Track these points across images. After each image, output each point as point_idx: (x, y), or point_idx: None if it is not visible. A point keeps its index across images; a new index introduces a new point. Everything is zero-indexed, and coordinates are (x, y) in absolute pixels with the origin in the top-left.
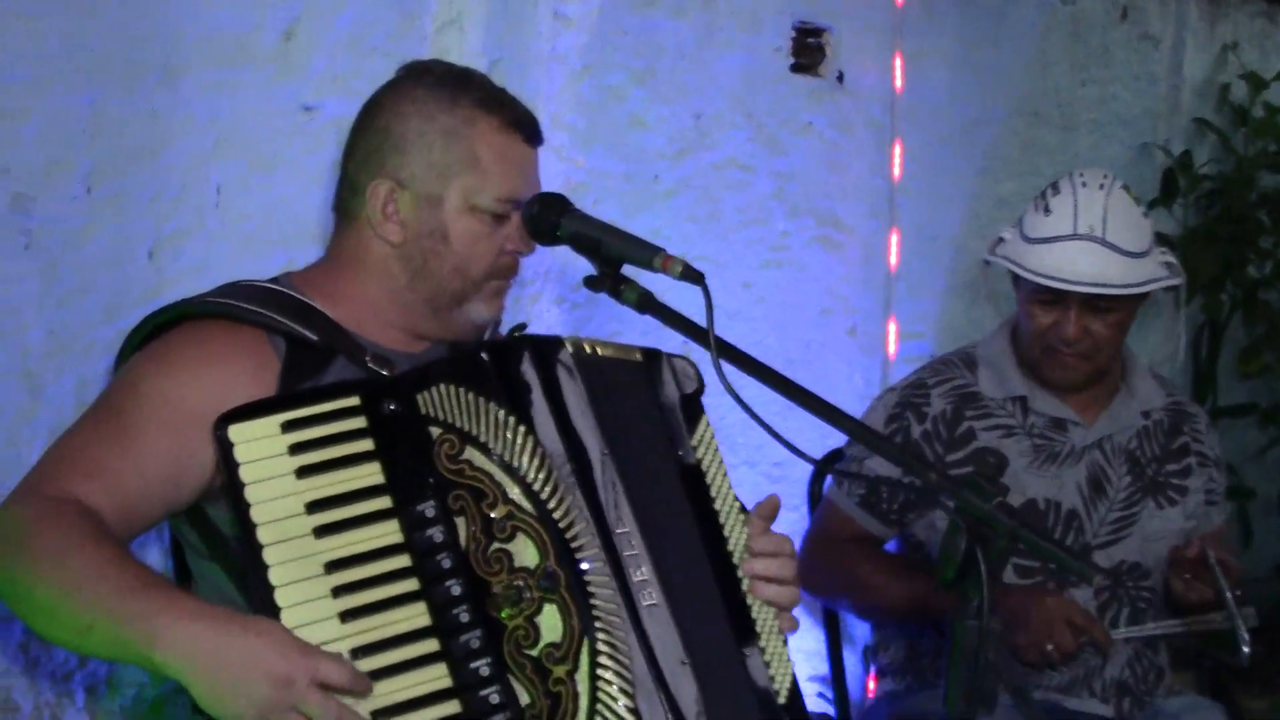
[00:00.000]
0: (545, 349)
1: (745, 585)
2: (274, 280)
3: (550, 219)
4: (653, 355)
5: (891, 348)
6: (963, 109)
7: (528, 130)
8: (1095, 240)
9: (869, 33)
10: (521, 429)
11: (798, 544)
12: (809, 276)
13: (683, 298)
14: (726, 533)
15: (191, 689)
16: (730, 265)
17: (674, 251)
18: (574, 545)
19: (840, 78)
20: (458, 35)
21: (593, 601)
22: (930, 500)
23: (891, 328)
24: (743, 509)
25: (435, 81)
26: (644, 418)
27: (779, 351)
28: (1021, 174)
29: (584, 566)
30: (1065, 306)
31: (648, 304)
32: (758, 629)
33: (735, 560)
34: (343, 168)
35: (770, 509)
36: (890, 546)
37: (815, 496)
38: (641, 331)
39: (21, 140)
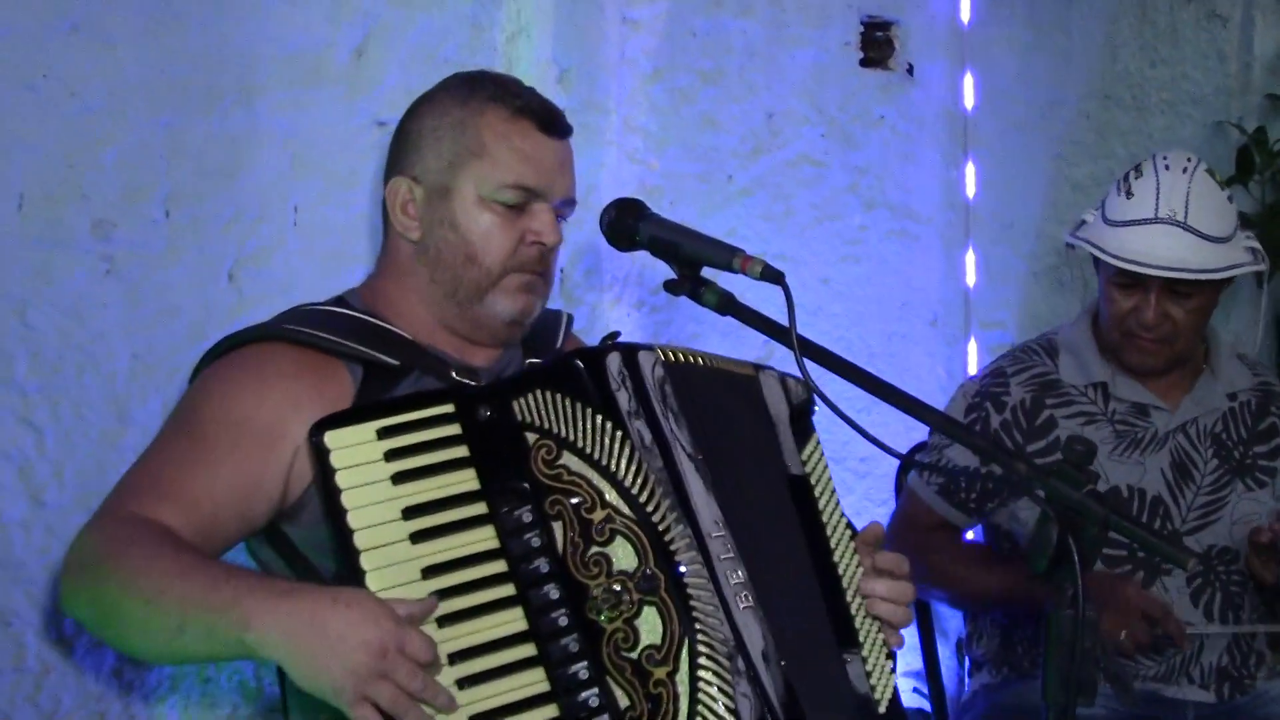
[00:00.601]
0: (638, 356)
1: (851, 596)
2: (338, 300)
3: (628, 224)
4: (761, 369)
5: (973, 337)
6: (1034, 95)
7: (540, 118)
8: (1177, 224)
9: (937, 24)
10: (618, 434)
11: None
12: (887, 269)
13: (763, 297)
14: (833, 544)
15: (288, 666)
16: (807, 262)
17: (750, 251)
18: (671, 548)
19: (910, 70)
20: (527, 44)
21: (692, 604)
22: (1011, 490)
23: (972, 317)
24: (850, 528)
25: (454, 83)
26: (740, 426)
27: (860, 346)
28: (1096, 158)
29: (682, 569)
30: (1145, 290)
31: (728, 305)
32: (861, 638)
33: (841, 571)
34: None
35: (874, 536)
36: (977, 534)
37: (902, 491)
38: (722, 333)
39: (101, 166)
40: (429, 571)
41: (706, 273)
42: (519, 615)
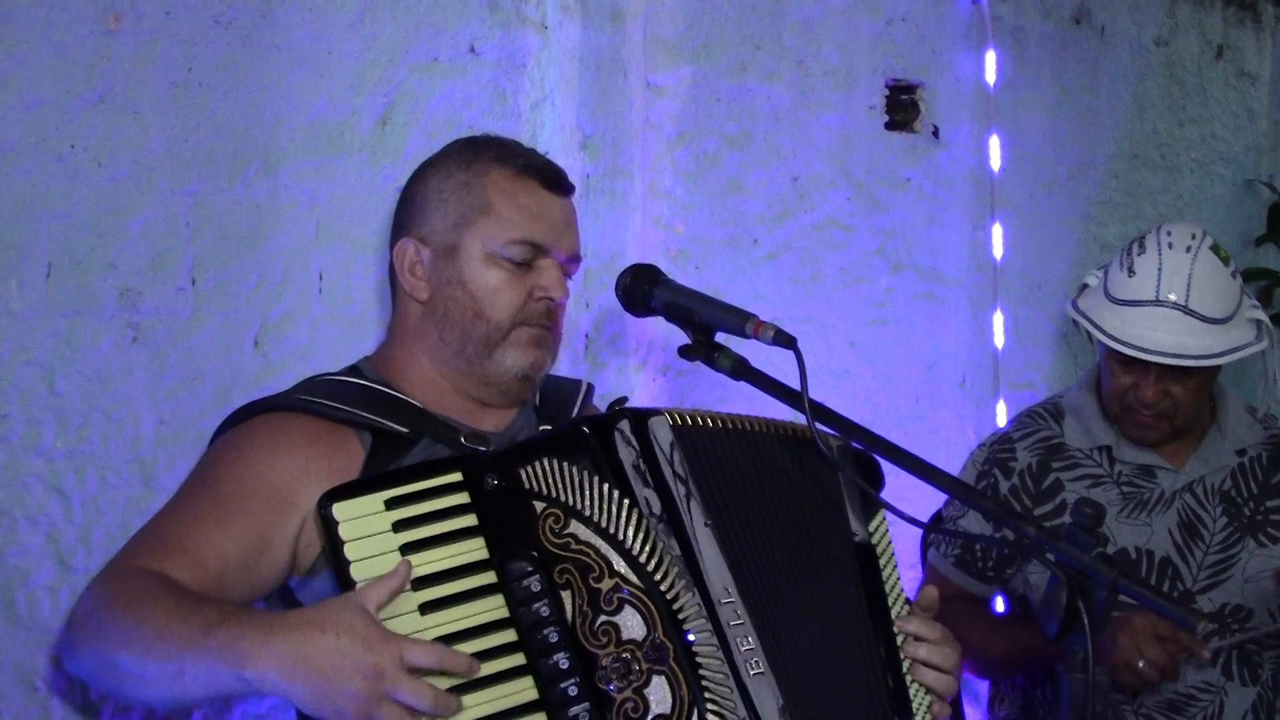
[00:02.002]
0: (648, 422)
1: (905, 663)
2: (351, 369)
3: (643, 290)
4: (841, 445)
5: (1002, 399)
6: (1062, 155)
7: (544, 176)
8: (1178, 308)
9: (962, 86)
10: (625, 502)
11: None
12: (915, 332)
13: (786, 361)
14: (893, 611)
15: (293, 700)
16: (835, 325)
17: (777, 314)
18: (680, 616)
19: (936, 132)
20: (550, 111)
21: (701, 672)
22: (1022, 553)
23: (1001, 379)
24: (905, 600)
25: (457, 146)
26: (769, 488)
27: (888, 408)
28: (1125, 218)
29: (691, 638)
30: (1145, 370)
31: (742, 370)
32: (913, 706)
33: (898, 639)
34: None
35: (930, 600)
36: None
37: (928, 550)
38: (748, 397)
39: (128, 234)
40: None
41: (722, 338)
42: (529, 685)
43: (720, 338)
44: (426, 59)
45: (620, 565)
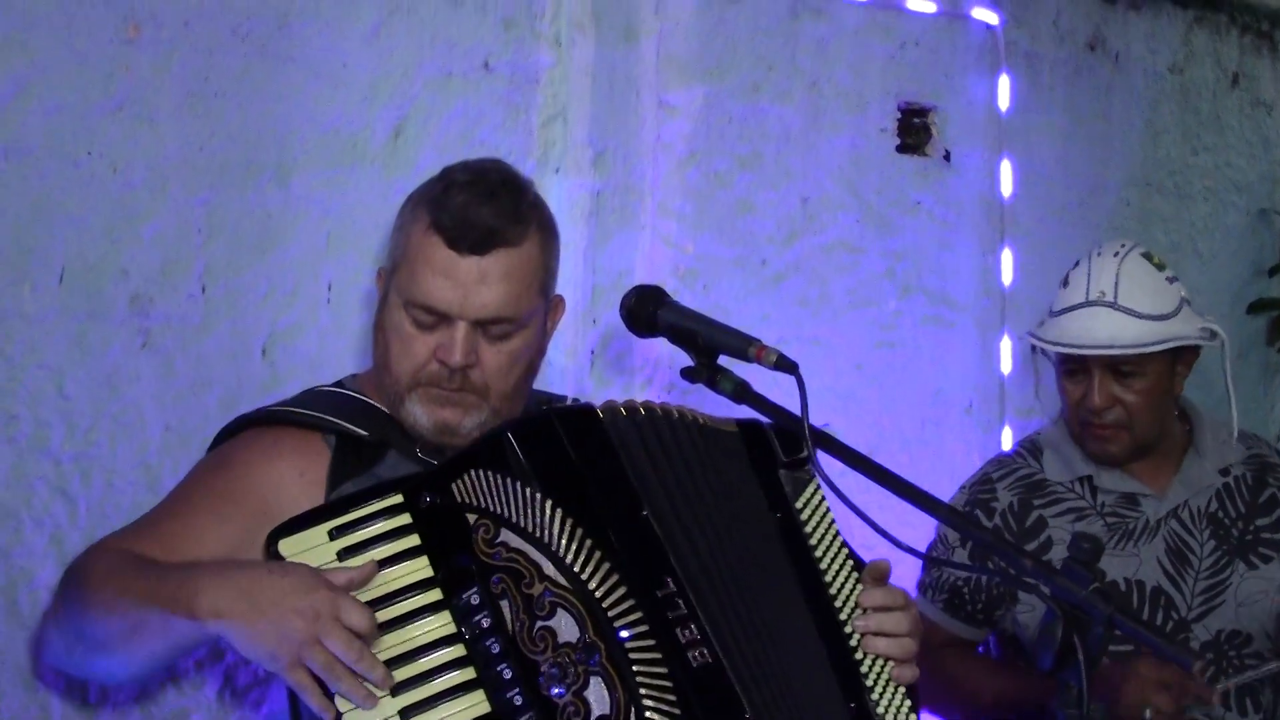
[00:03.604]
0: (574, 419)
1: (855, 638)
2: (339, 382)
3: (647, 311)
4: (750, 425)
5: (1007, 425)
6: (1074, 181)
7: (450, 235)
8: (1106, 305)
9: (975, 110)
10: (549, 504)
11: None
12: (922, 356)
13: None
14: (833, 588)
15: (233, 639)
16: (842, 347)
17: (784, 335)
18: (612, 614)
19: (947, 156)
20: (563, 128)
21: (635, 669)
22: (1018, 588)
23: (1007, 405)
24: (856, 567)
25: (436, 176)
26: (713, 480)
27: (894, 432)
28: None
29: (623, 635)
30: (1089, 376)
31: (744, 394)
32: (870, 680)
33: (844, 615)
34: None
35: (879, 571)
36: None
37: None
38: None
39: (140, 241)
40: (392, 663)
41: (725, 361)
42: (481, 698)
43: (723, 360)
44: (440, 73)
45: (549, 569)
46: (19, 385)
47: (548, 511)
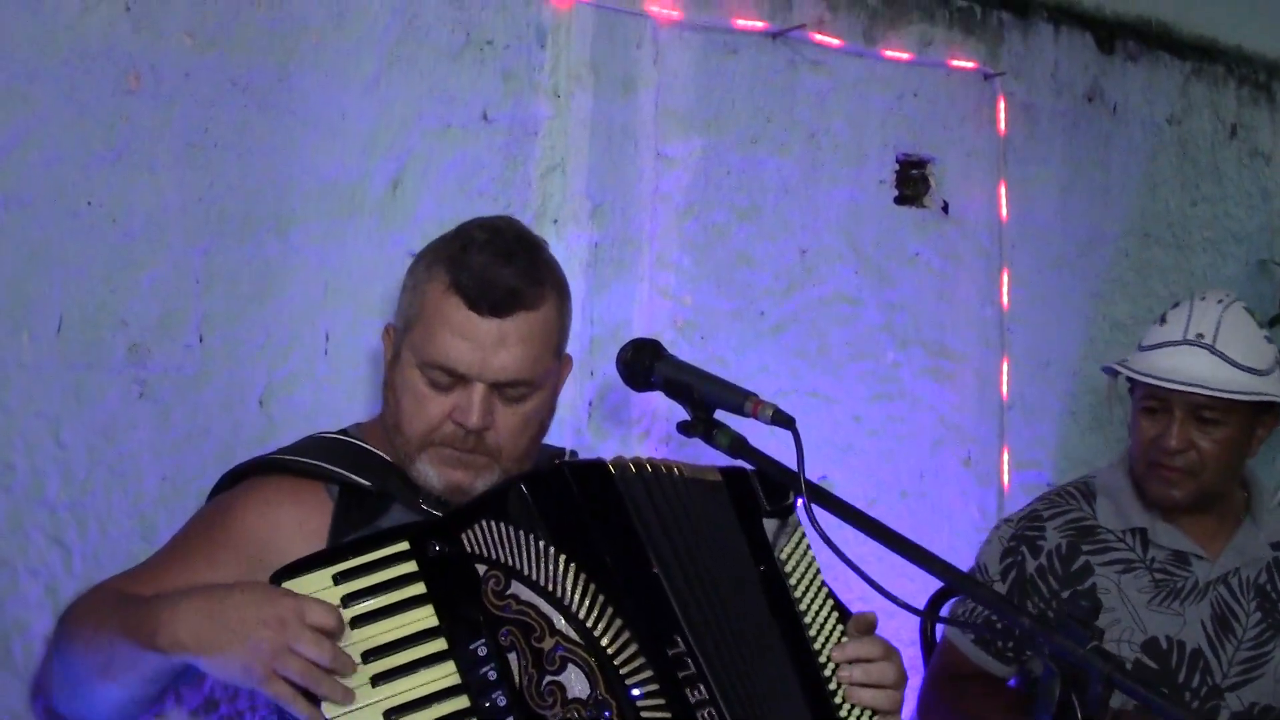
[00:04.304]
0: (586, 473)
1: (840, 693)
2: (343, 431)
3: (643, 364)
4: (734, 474)
5: (1007, 477)
6: (1072, 233)
7: (470, 296)
8: (1203, 346)
9: (973, 161)
10: (562, 558)
11: (918, 681)
12: (921, 407)
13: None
14: (818, 645)
15: (202, 663)
16: (841, 399)
17: (783, 387)
18: (623, 671)
19: (945, 208)
20: (561, 179)
21: None
22: (1018, 643)
23: (1006, 457)
24: (841, 618)
25: (444, 237)
26: (710, 533)
27: (893, 484)
28: (1135, 297)
29: (634, 693)
30: (1170, 416)
31: (740, 448)
32: None
33: (827, 674)
34: None
35: (865, 623)
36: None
37: (927, 633)
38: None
39: (139, 291)
40: (392, 714)
41: (721, 415)
42: None
43: (720, 415)
44: (439, 124)
45: (560, 623)
46: (15, 434)
47: (560, 565)
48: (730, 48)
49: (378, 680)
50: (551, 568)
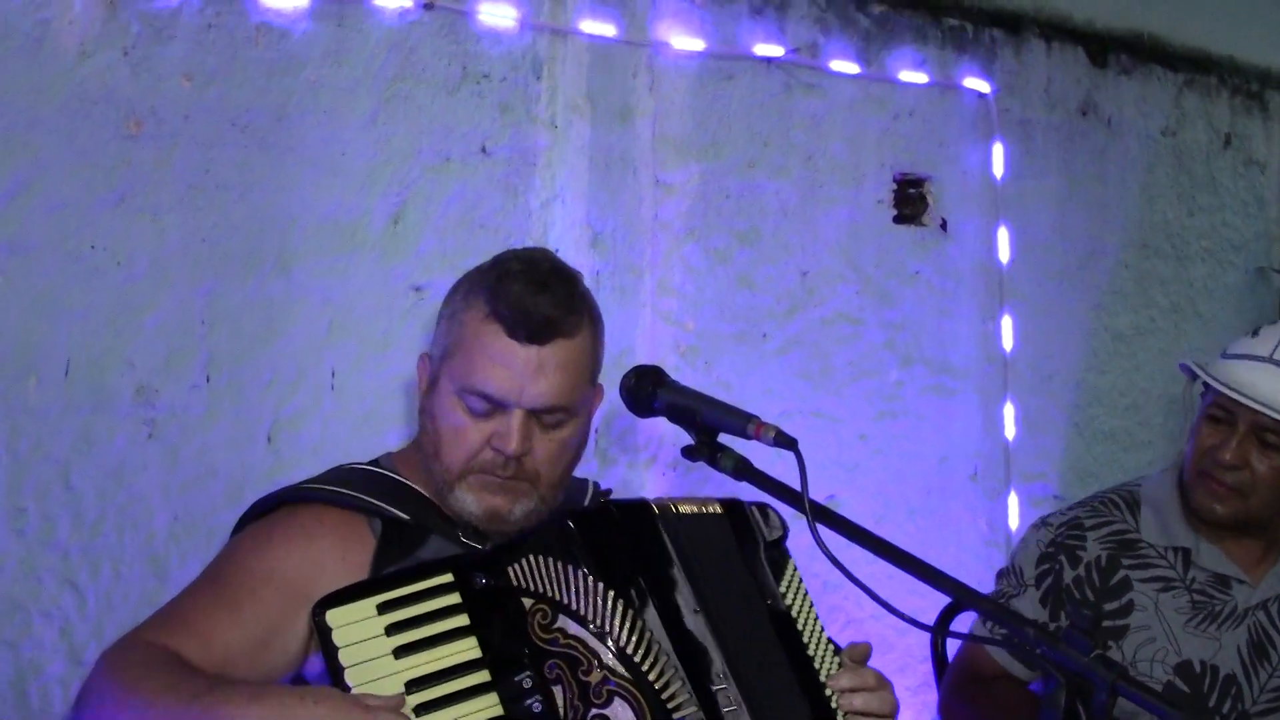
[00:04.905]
0: (632, 512)
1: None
2: (374, 461)
3: (647, 391)
4: (733, 506)
5: (1013, 491)
6: (1071, 246)
7: (509, 324)
8: None
9: (969, 179)
10: (611, 594)
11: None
12: (926, 425)
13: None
14: (822, 677)
15: None
16: (845, 419)
17: (787, 408)
18: (670, 706)
19: (944, 225)
20: (561, 209)
21: None
22: (1021, 655)
23: (1013, 470)
24: (836, 650)
25: (481, 267)
26: (731, 570)
27: (900, 501)
28: (1136, 307)
29: None
30: (1233, 429)
31: (744, 471)
32: None
33: (833, 705)
34: None
35: (860, 654)
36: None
37: (939, 649)
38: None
39: (144, 332)
40: None
41: (725, 439)
42: None
43: (723, 438)
44: (438, 159)
45: (608, 657)
46: (26, 479)
47: (609, 601)
48: (726, 73)
49: (421, 711)
50: (599, 602)
